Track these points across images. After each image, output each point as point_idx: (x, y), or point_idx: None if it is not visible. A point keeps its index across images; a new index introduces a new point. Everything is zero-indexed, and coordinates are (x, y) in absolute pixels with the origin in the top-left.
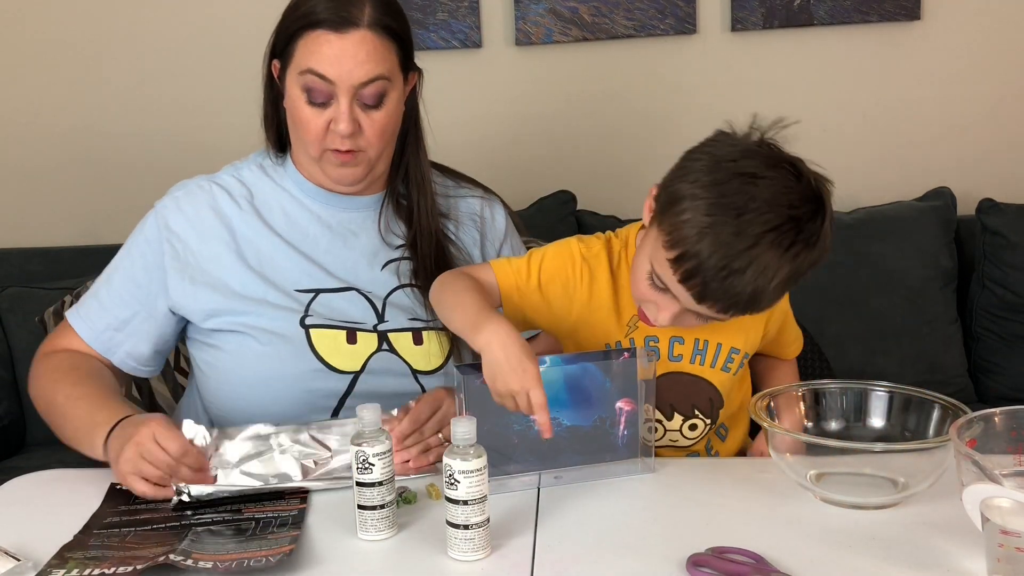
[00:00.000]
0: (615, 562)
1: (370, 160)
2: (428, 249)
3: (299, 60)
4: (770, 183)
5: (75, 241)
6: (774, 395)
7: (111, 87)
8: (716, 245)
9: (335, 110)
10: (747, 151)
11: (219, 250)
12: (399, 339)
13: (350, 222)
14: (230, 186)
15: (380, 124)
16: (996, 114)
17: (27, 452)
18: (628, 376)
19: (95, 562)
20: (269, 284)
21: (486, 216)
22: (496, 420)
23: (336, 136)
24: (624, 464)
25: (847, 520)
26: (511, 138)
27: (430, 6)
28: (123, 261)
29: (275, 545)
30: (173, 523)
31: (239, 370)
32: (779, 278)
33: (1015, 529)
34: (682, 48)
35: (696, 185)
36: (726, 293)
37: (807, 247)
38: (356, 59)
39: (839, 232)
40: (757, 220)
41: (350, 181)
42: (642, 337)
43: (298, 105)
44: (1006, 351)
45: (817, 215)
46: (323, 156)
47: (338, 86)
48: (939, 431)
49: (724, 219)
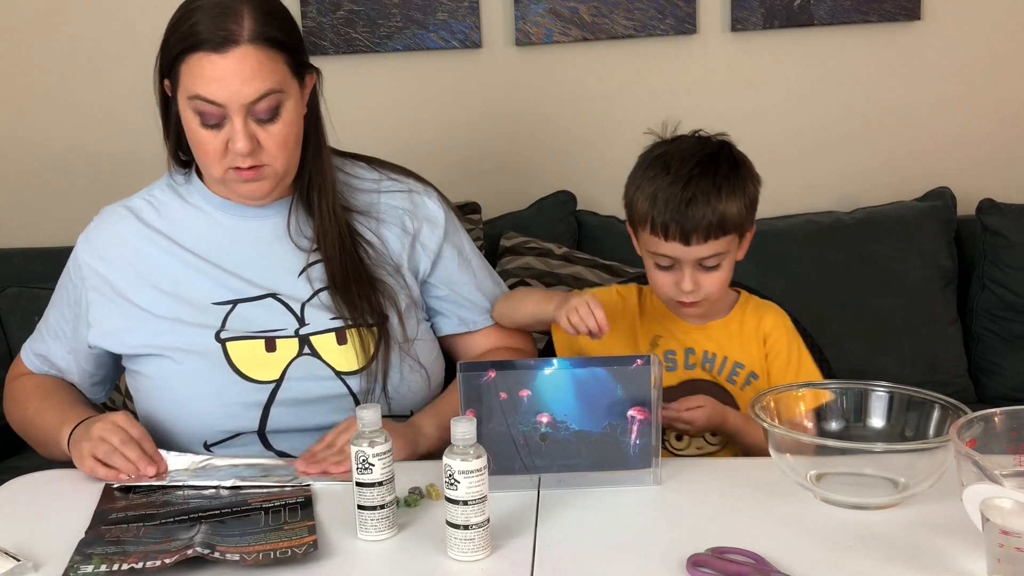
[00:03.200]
0: (615, 562)
1: (276, 173)
2: (334, 250)
3: (186, 85)
4: (682, 143)
5: (75, 241)
6: (774, 395)
7: (111, 86)
8: (659, 189)
9: (230, 130)
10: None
11: (129, 276)
12: (321, 341)
13: (260, 230)
14: (139, 208)
15: (280, 136)
16: (996, 114)
17: (27, 452)
18: (641, 384)
19: (120, 557)
20: (183, 302)
21: (414, 208)
22: (498, 420)
23: (235, 155)
24: (634, 473)
25: (847, 520)
26: (511, 138)
27: (430, 6)
28: (56, 295)
29: (295, 536)
30: (181, 517)
31: (161, 391)
32: (725, 193)
33: (1015, 529)
34: (682, 48)
35: (632, 178)
36: (694, 219)
37: (733, 167)
38: (241, 77)
39: (839, 232)
40: (682, 166)
41: (259, 196)
42: (663, 352)
43: (192, 128)
44: (1006, 351)
45: (727, 151)
46: (226, 175)
47: (228, 107)
48: (939, 431)
49: (656, 172)
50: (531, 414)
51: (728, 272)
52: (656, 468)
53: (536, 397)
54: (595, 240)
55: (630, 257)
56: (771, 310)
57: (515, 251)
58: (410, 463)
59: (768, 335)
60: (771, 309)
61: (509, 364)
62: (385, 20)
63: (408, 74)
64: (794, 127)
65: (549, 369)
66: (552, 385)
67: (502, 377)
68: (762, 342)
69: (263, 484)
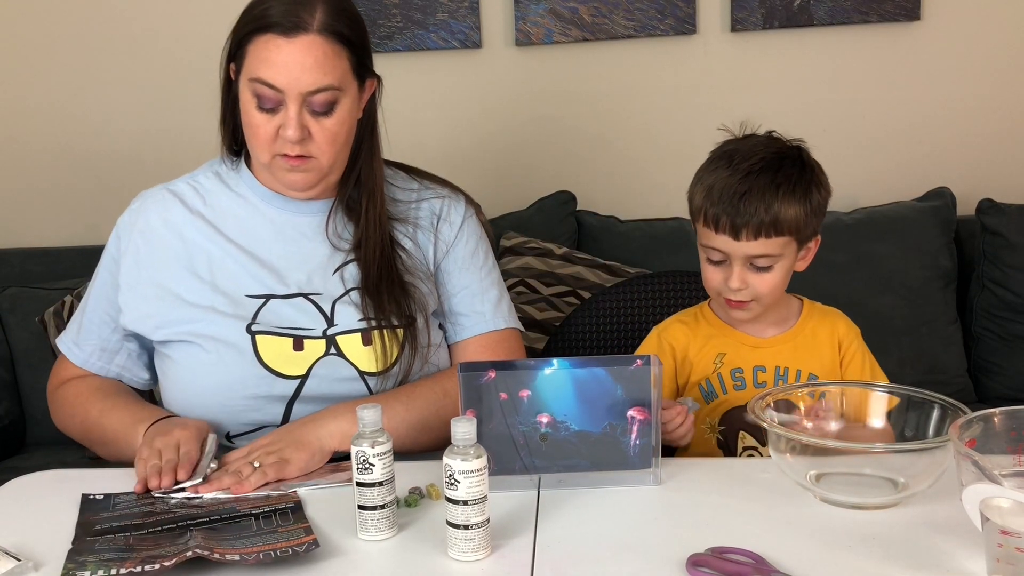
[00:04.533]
0: (615, 562)
1: (322, 168)
2: (373, 256)
3: (249, 66)
4: (751, 140)
5: (75, 241)
6: (774, 395)
7: (111, 87)
8: (716, 180)
9: (284, 116)
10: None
11: (168, 260)
12: (347, 341)
13: (303, 226)
14: (183, 193)
15: (330, 132)
16: (996, 114)
17: (27, 452)
18: (641, 384)
19: (116, 563)
20: (218, 292)
21: (442, 214)
22: (498, 420)
23: (285, 141)
24: (635, 473)
25: (847, 520)
26: (511, 138)
27: (430, 6)
28: (95, 282)
29: (293, 537)
30: (169, 525)
31: (189, 378)
32: (783, 193)
33: (1015, 529)
34: (682, 48)
35: (697, 172)
36: (746, 213)
37: (798, 170)
38: (304, 65)
39: (839, 232)
40: (743, 161)
41: (301, 187)
42: (728, 371)
43: (248, 110)
44: (1006, 351)
45: (796, 154)
46: (273, 161)
47: (286, 93)
48: (939, 431)
49: (717, 165)
50: (531, 414)
51: (781, 277)
52: (656, 468)
53: (536, 397)
54: (595, 240)
55: (630, 257)
56: (840, 316)
57: (515, 251)
58: (410, 463)
59: (842, 340)
60: (840, 315)
61: (509, 364)
62: (385, 20)
63: (408, 74)
64: (794, 127)
65: (549, 369)
66: (552, 385)
67: (502, 377)
68: (836, 348)
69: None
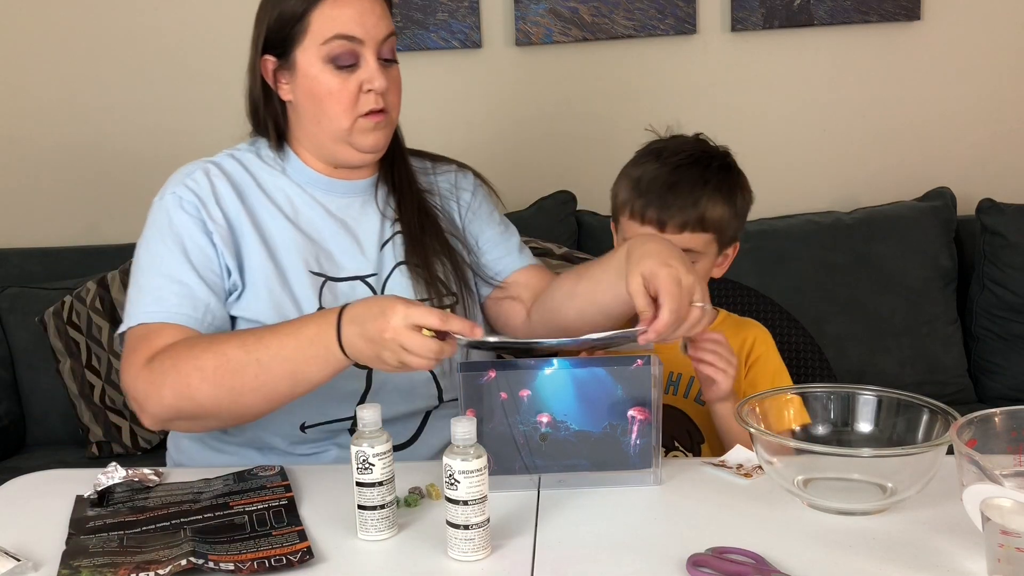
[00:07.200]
0: (615, 562)
1: (392, 123)
2: (411, 216)
3: (318, 32)
4: (679, 139)
5: (75, 241)
6: (761, 399)
7: (111, 87)
8: (644, 173)
9: (365, 70)
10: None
11: (247, 229)
12: None
13: (350, 207)
14: (233, 168)
15: (397, 79)
16: (996, 114)
17: (27, 452)
18: (641, 384)
19: (109, 568)
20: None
21: (458, 183)
22: (498, 420)
23: (369, 97)
24: (635, 473)
25: (848, 520)
26: (511, 138)
27: (430, 6)
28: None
29: (285, 543)
30: (163, 523)
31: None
32: (711, 189)
33: (1015, 529)
34: (682, 48)
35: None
36: (673, 205)
37: (725, 170)
38: (375, 14)
39: (839, 232)
40: (672, 156)
41: (382, 145)
42: None
43: (322, 80)
44: (1006, 351)
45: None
46: (354, 126)
47: (366, 43)
48: (928, 435)
49: (645, 160)
50: (531, 414)
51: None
52: (656, 468)
53: (536, 397)
54: (595, 240)
55: None
56: (754, 326)
57: None
58: (410, 464)
59: (752, 348)
60: (755, 325)
61: (509, 364)
62: None
63: (408, 74)
64: (794, 127)
65: (549, 369)
66: (552, 385)
67: (502, 377)
68: (744, 360)
69: (241, 488)
